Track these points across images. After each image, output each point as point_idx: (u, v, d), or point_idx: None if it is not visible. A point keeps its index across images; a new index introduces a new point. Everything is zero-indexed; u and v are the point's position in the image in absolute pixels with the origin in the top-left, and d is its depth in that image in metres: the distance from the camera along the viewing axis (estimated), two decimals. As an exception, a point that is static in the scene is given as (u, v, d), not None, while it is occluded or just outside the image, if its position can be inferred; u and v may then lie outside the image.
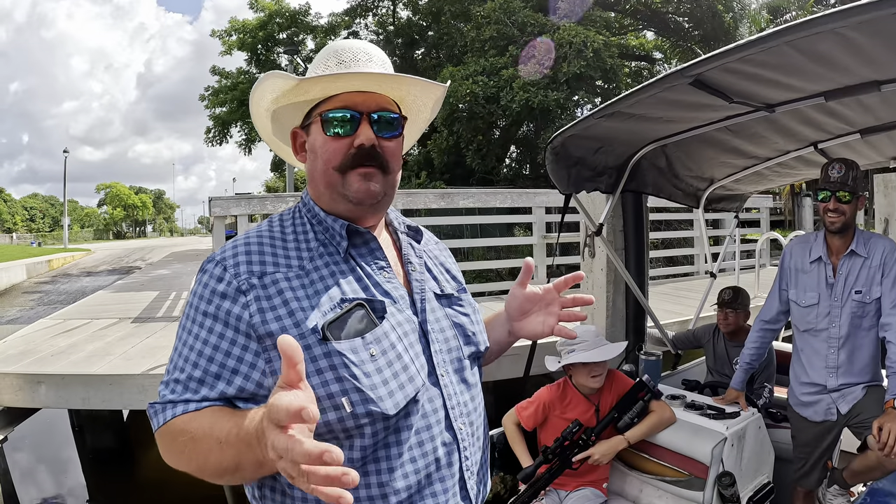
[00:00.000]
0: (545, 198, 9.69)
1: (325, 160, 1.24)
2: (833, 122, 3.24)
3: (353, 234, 1.25)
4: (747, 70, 2.32)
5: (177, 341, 1.16)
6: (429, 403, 1.20)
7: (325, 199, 1.27)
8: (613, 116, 2.78)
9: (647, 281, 4.18)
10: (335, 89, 1.24)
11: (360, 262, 1.25)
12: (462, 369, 1.31)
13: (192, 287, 1.22)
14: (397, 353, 1.16)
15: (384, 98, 1.27)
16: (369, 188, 1.23)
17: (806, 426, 3.12)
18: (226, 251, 1.19)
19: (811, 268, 3.08)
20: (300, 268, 1.19)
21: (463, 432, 1.24)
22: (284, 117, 1.35)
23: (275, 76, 1.22)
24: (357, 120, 1.23)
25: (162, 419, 1.08)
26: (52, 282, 19.67)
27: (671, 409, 3.05)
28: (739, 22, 19.00)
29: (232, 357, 1.11)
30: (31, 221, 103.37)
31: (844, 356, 2.96)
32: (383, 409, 1.10)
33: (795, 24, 1.93)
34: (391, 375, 1.13)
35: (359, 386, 1.09)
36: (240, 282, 1.13)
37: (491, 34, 16.83)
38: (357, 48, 1.29)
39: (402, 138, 1.31)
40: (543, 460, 2.89)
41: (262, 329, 1.10)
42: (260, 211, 8.31)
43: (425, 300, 1.29)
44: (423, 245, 1.43)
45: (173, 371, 1.13)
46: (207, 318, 1.13)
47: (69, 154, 44.55)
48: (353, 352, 1.11)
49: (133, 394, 4.92)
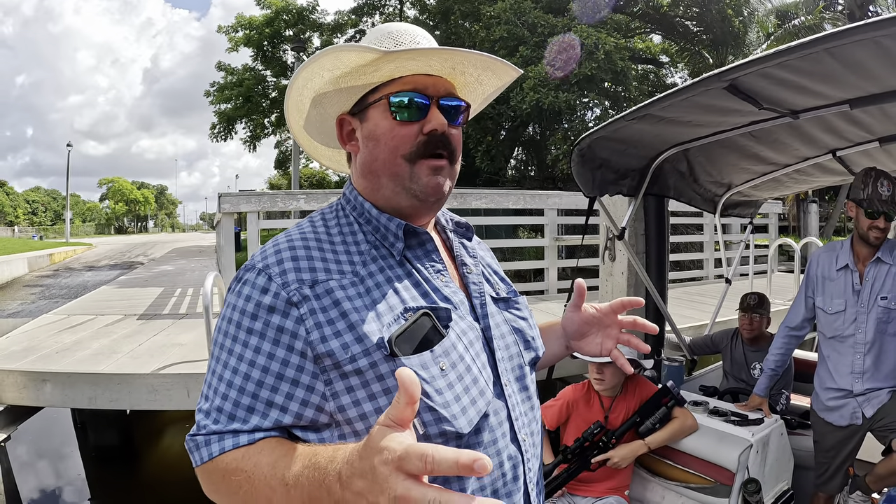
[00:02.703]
0: (557, 199, 9.65)
1: (391, 147, 1.12)
2: (854, 129, 3.23)
3: (408, 234, 1.14)
4: (781, 76, 2.30)
5: (214, 363, 1.04)
6: (495, 417, 1.10)
7: (385, 193, 1.15)
8: (644, 119, 2.75)
9: (666, 286, 4.16)
10: (407, 69, 1.13)
11: (416, 266, 1.14)
12: (523, 377, 1.22)
13: (227, 299, 1.08)
14: (466, 366, 1.06)
15: (450, 83, 1.19)
16: (438, 182, 1.13)
17: (830, 430, 3.12)
18: (268, 257, 1.06)
19: (838, 275, 3.10)
20: (353, 274, 1.07)
21: (526, 443, 1.15)
22: (331, 101, 1.22)
23: (344, 49, 1.08)
24: (426, 105, 1.13)
25: (207, 454, 0.97)
26: (53, 276, 19.62)
27: (693, 416, 3.03)
28: (749, 26, 18.95)
29: (286, 380, 0.98)
30: (33, 215, 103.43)
31: (870, 361, 2.98)
32: (458, 427, 1.00)
33: (837, 31, 1.92)
34: (462, 390, 1.03)
35: (431, 405, 0.99)
36: (290, 292, 1.01)
37: (501, 34, 16.83)
38: (416, 32, 1.20)
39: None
40: (562, 459, 2.88)
41: (322, 347, 0.98)
42: (270, 207, 8.23)
43: (485, 305, 1.19)
44: (473, 244, 1.33)
45: (214, 397, 1.01)
46: (253, 336, 1.00)
47: (73, 148, 44.37)
48: (424, 367, 1.00)
49: (142, 394, 4.84)
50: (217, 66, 25.00)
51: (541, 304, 8.82)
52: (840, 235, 24.06)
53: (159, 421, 7.49)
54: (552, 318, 1.50)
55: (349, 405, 0.99)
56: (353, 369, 0.98)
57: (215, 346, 1.05)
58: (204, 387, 1.05)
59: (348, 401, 0.99)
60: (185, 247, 29.63)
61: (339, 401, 0.99)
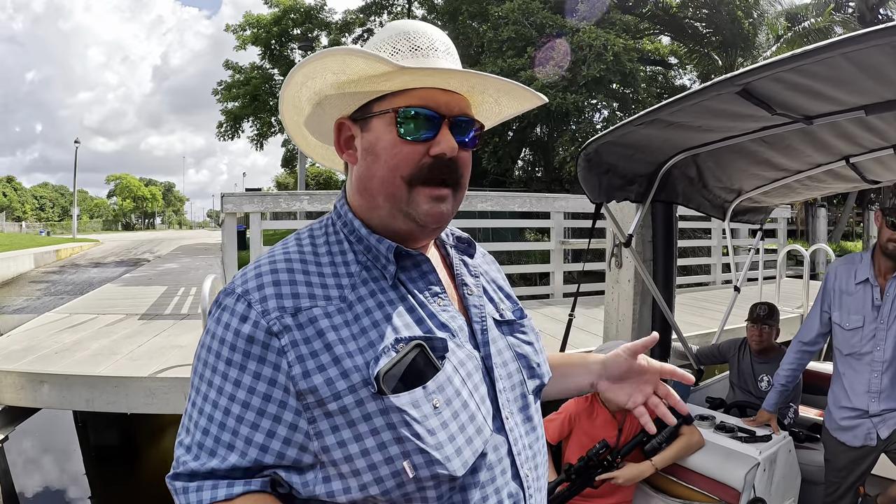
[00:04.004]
0: (564, 203, 9.56)
1: (391, 166, 1.01)
2: (868, 136, 3.14)
3: (400, 256, 1.05)
4: (796, 80, 2.22)
5: (194, 394, 0.96)
6: (494, 454, 1.01)
7: (380, 213, 1.05)
8: (653, 124, 2.67)
9: (674, 294, 4.08)
10: (422, 83, 1.02)
11: (411, 289, 1.04)
12: (526, 407, 1.12)
13: (207, 324, 1.00)
14: (463, 402, 0.97)
15: (465, 101, 1.08)
16: (441, 211, 1.03)
17: (842, 451, 3.02)
18: (248, 281, 0.97)
19: (857, 290, 2.99)
20: (341, 299, 0.98)
21: (529, 479, 1.06)
22: (332, 103, 1.11)
23: (353, 54, 0.97)
24: (438, 123, 1.02)
25: (185, 502, 0.92)
26: (59, 271, 19.59)
27: (700, 433, 2.94)
28: (758, 28, 18.82)
29: (267, 417, 0.91)
30: (40, 210, 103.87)
31: (888, 380, 2.88)
32: (451, 470, 0.92)
33: (855, 35, 1.84)
34: (458, 429, 0.95)
35: (422, 447, 0.91)
36: (269, 321, 0.92)
37: (509, 35, 16.73)
38: (434, 35, 1.08)
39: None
40: (565, 478, 2.79)
41: (304, 383, 0.90)
42: (273, 208, 8.18)
43: (486, 330, 1.09)
44: (476, 261, 1.23)
45: (194, 431, 0.94)
46: (233, 368, 0.92)
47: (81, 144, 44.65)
48: (415, 406, 0.92)
49: (139, 397, 4.79)
50: (224, 65, 25.05)
51: (546, 308, 8.73)
52: (848, 240, 23.91)
53: (160, 421, 7.44)
54: (557, 323, 1.41)
55: (333, 446, 0.91)
56: (338, 407, 0.91)
57: (195, 374, 0.98)
58: (184, 418, 0.98)
59: (333, 441, 0.91)
60: (192, 244, 29.68)
61: (324, 441, 0.91)
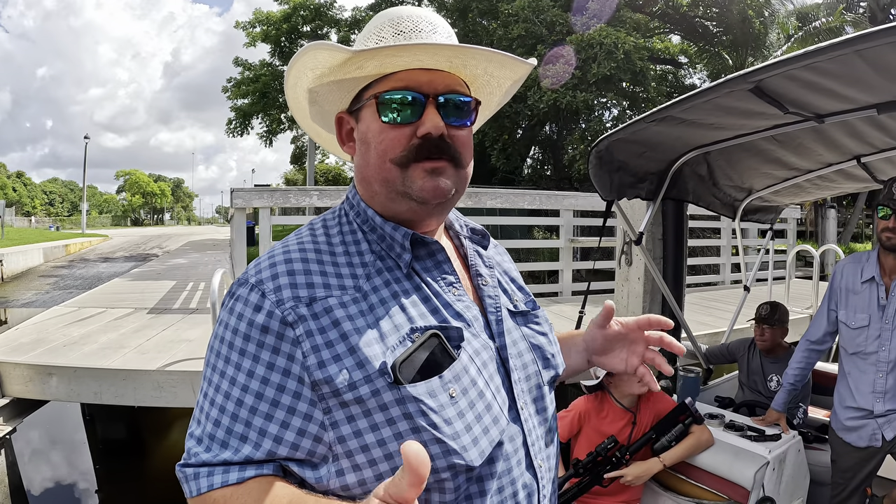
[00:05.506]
0: (573, 200, 9.55)
1: (380, 151, 1.01)
2: (879, 135, 3.13)
3: (416, 244, 1.04)
4: (808, 78, 2.21)
5: (206, 385, 0.96)
6: (510, 444, 1.01)
7: (381, 199, 1.04)
8: (664, 121, 2.66)
9: (683, 292, 4.06)
10: (394, 66, 1.01)
11: (426, 278, 1.03)
12: (541, 398, 1.12)
13: (220, 315, 0.99)
14: (479, 391, 0.96)
15: (453, 78, 1.05)
16: (438, 184, 1.01)
17: (848, 451, 3.00)
18: (262, 271, 0.96)
19: (862, 288, 2.95)
20: (356, 289, 0.97)
21: (542, 469, 1.06)
22: (326, 99, 1.11)
23: (318, 48, 0.98)
24: (421, 103, 1.00)
25: (195, 488, 0.90)
26: (68, 266, 19.75)
27: (710, 432, 2.93)
28: (769, 28, 18.71)
29: (281, 408, 0.90)
30: (50, 206, 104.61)
31: (893, 381, 2.84)
32: (468, 460, 0.91)
33: (869, 32, 1.82)
34: (474, 419, 0.94)
35: (440, 436, 0.90)
36: (284, 311, 0.91)
37: (519, 33, 16.71)
38: (419, 16, 1.06)
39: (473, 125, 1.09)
40: (574, 474, 2.79)
41: (319, 373, 0.90)
42: (282, 204, 8.19)
43: (501, 320, 1.09)
44: (489, 252, 1.23)
45: (205, 422, 0.94)
46: (246, 359, 0.91)
47: (91, 140, 44.82)
48: (431, 395, 0.91)
49: (147, 390, 4.81)
50: (234, 62, 25.08)
51: (554, 306, 8.74)
52: (857, 241, 23.78)
53: (167, 415, 7.47)
54: (566, 321, 1.41)
55: (349, 436, 0.91)
56: (354, 397, 0.90)
57: (207, 366, 0.97)
58: (196, 410, 0.98)
59: (349, 431, 0.91)
60: (200, 240, 29.83)
61: (339, 431, 0.91)
